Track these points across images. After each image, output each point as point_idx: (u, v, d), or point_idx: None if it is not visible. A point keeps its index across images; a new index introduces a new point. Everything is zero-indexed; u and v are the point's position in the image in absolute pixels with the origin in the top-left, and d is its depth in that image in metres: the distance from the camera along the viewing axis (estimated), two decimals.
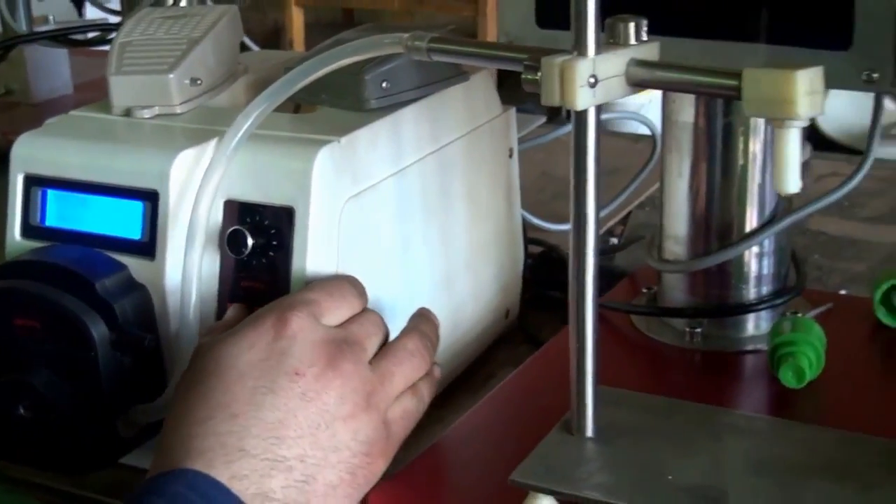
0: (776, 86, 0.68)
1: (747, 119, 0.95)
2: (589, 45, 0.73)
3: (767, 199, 0.97)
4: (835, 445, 0.79)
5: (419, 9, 3.42)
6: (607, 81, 0.73)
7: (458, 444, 0.87)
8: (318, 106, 0.95)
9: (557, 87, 0.72)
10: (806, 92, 0.68)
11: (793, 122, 0.69)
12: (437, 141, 0.98)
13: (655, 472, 0.76)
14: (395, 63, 0.94)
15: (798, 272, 1.03)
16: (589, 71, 0.72)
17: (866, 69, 0.83)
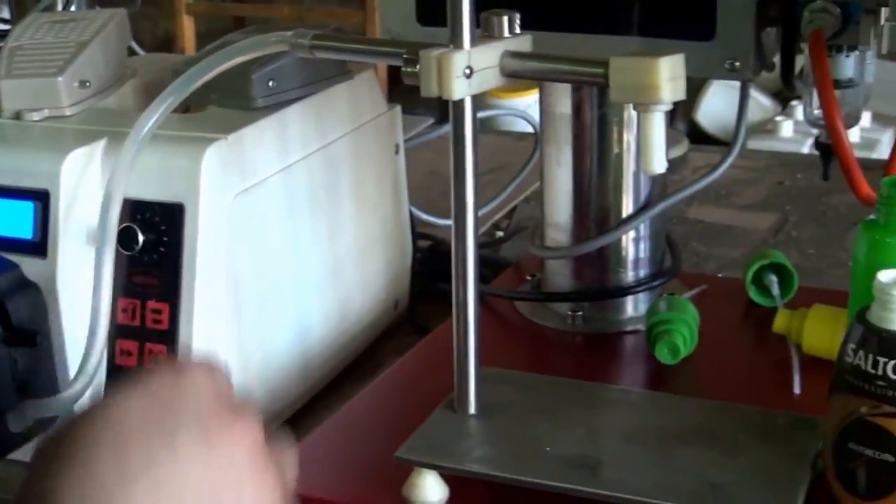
0: (640, 73, 0.72)
1: (621, 110, 0.99)
2: (464, 39, 0.76)
3: (642, 185, 1.02)
4: (705, 414, 0.84)
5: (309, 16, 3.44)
6: (482, 72, 0.77)
7: (346, 426, 0.90)
8: (208, 106, 0.98)
9: (435, 78, 0.76)
10: (668, 78, 0.72)
11: (657, 106, 0.72)
12: (324, 138, 1.01)
13: (535, 445, 0.80)
14: (280, 62, 0.96)
15: (674, 255, 1.07)
16: (464, 62, 0.76)
17: (729, 58, 0.87)
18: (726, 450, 0.79)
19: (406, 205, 1.15)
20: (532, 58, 0.78)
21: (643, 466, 0.78)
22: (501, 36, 0.79)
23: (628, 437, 0.81)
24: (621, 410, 0.85)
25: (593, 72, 0.75)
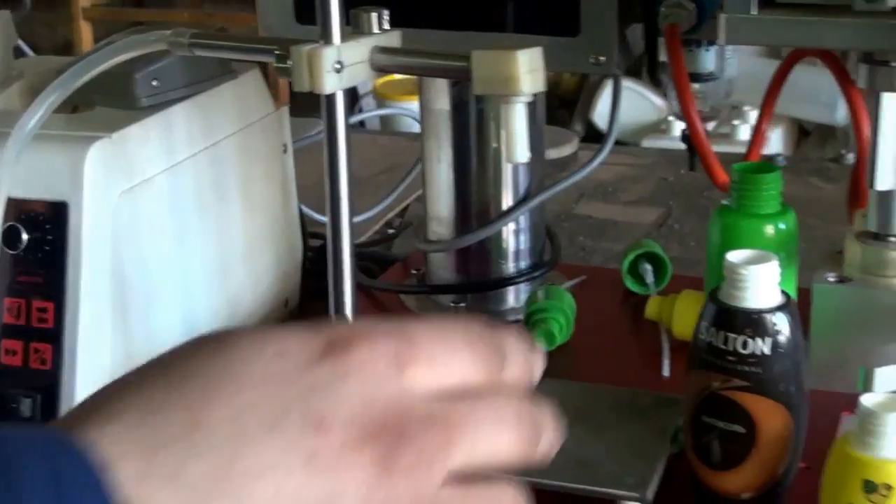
0: (500, 65, 0.75)
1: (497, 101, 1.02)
2: (334, 34, 0.79)
3: (521, 179, 1.05)
4: (576, 395, 0.87)
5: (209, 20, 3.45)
6: (352, 67, 0.80)
7: None
8: (95, 106, 0.99)
9: (306, 73, 0.78)
10: (527, 70, 0.75)
11: (517, 97, 0.76)
12: (210, 137, 1.03)
13: None
14: (164, 62, 0.98)
15: (553, 247, 1.11)
16: (334, 57, 0.78)
17: (593, 53, 0.91)
18: (593, 428, 0.83)
19: (295, 204, 1.17)
20: (400, 53, 0.81)
21: None
22: (371, 32, 0.82)
23: None
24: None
25: (456, 65, 0.78)
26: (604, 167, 1.63)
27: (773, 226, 0.79)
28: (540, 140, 1.06)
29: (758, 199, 0.78)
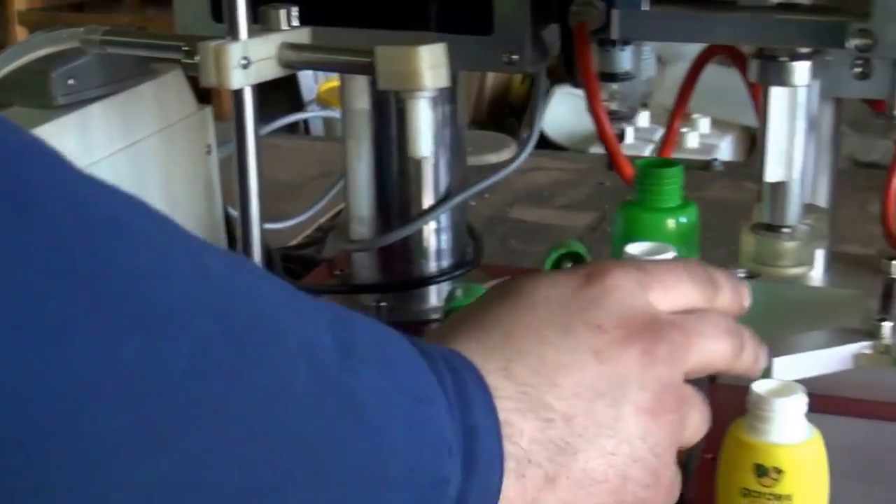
0: (403, 61, 0.76)
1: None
2: (241, 31, 0.80)
3: (441, 178, 1.06)
4: None
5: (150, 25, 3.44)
6: (260, 63, 0.80)
7: None
8: (12, 106, 1.00)
9: (213, 69, 0.79)
10: (429, 66, 0.76)
11: (420, 92, 0.77)
12: (129, 136, 1.03)
13: None
14: (81, 61, 0.99)
15: (476, 247, 1.12)
16: (241, 53, 0.79)
17: (507, 52, 0.92)
18: None
19: (219, 205, 1.17)
20: (307, 49, 0.82)
21: None
22: (279, 28, 0.82)
23: None
24: None
25: (362, 61, 0.79)
26: (541, 172, 1.65)
27: (674, 219, 0.80)
28: (460, 141, 1.07)
29: (659, 194, 0.79)
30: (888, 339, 0.80)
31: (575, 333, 0.55)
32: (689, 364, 0.58)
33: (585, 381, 0.54)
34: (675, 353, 0.57)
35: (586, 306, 0.56)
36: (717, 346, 0.60)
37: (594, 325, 0.55)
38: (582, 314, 0.56)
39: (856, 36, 0.65)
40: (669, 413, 0.56)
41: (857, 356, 0.81)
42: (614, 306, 0.56)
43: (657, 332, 0.56)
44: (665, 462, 0.56)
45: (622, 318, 0.56)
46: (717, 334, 0.60)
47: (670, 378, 0.56)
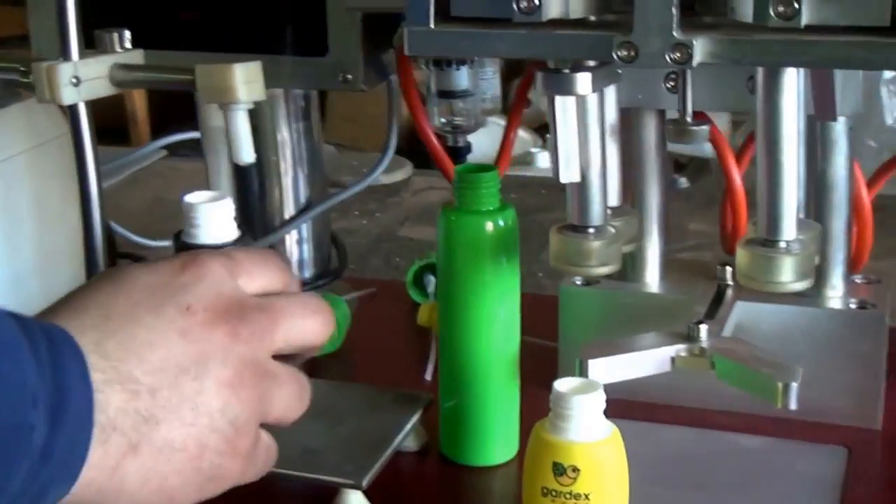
0: (219, 77, 0.81)
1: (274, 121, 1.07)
2: (72, 51, 0.84)
3: (301, 190, 1.10)
4: (324, 392, 0.92)
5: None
6: (91, 82, 0.85)
7: None
8: None
9: (46, 87, 0.83)
10: (243, 81, 0.81)
11: (236, 105, 0.81)
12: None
13: None
14: None
15: (340, 258, 1.16)
16: (71, 73, 0.83)
17: (341, 72, 0.96)
18: (331, 421, 0.87)
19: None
20: (136, 69, 0.86)
21: None
22: (113, 50, 0.87)
23: None
24: None
25: (185, 78, 0.83)
26: (435, 192, 1.69)
27: (492, 222, 0.84)
28: (317, 156, 1.11)
29: (477, 197, 0.83)
30: (705, 342, 0.82)
31: (165, 315, 0.61)
32: (277, 342, 0.64)
33: (171, 358, 0.60)
34: (259, 333, 0.63)
35: (178, 291, 0.62)
36: (307, 324, 0.66)
37: (183, 307, 0.61)
38: (173, 298, 0.61)
39: (620, 48, 0.69)
40: (250, 388, 0.62)
41: (674, 359, 0.83)
42: (204, 291, 0.62)
43: (242, 315, 0.63)
44: (244, 433, 0.62)
45: (210, 302, 0.62)
46: (306, 314, 0.66)
47: (252, 356, 0.62)
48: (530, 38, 0.72)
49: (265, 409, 0.64)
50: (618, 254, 0.82)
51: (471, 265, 0.84)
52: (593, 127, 0.78)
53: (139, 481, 0.59)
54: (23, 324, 0.55)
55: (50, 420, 0.53)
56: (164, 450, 0.59)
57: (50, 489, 0.55)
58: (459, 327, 0.86)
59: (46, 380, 0.54)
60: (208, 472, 0.61)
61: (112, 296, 0.61)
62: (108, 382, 0.57)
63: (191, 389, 0.60)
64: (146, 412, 0.58)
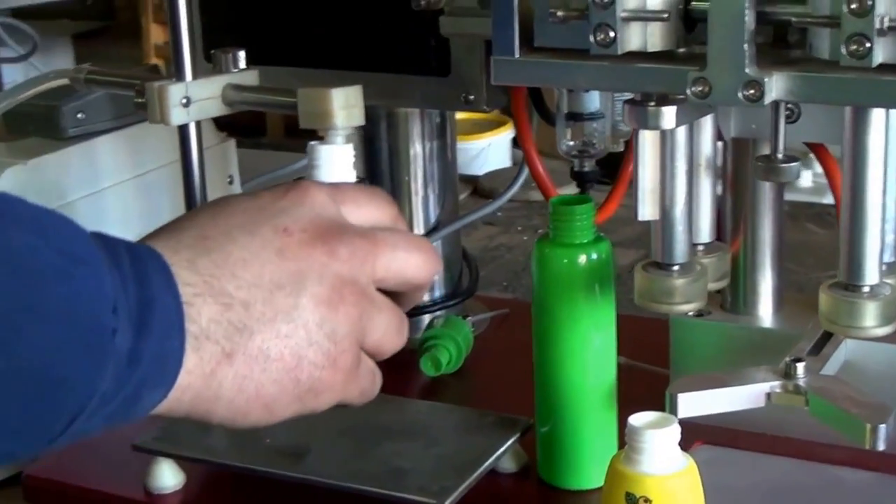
0: (318, 101, 0.82)
1: (407, 138, 1.08)
2: (185, 72, 0.87)
3: (431, 208, 1.11)
4: (423, 413, 0.92)
5: None
6: (202, 102, 0.87)
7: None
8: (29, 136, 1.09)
9: (157, 107, 0.86)
10: (342, 106, 0.81)
11: (334, 130, 0.82)
12: (139, 167, 1.11)
13: (256, 437, 0.89)
14: (91, 97, 1.07)
15: (472, 278, 1.16)
16: (182, 93, 0.86)
17: (464, 92, 0.96)
18: (425, 442, 0.88)
19: None
20: (247, 90, 0.88)
21: (344, 456, 0.87)
22: (228, 70, 0.89)
23: (343, 431, 0.90)
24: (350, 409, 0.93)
25: (288, 101, 0.84)
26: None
27: (585, 255, 0.83)
28: (451, 176, 1.12)
29: (570, 230, 0.82)
30: (801, 379, 0.81)
31: (262, 235, 0.61)
32: (379, 270, 0.64)
33: (266, 275, 0.60)
34: (359, 256, 0.63)
35: (277, 213, 0.62)
36: (411, 258, 0.65)
37: (280, 228, 0.62)
38: (271, 219, 0.62)
39: (694, 83, 0.67)
40: (348, 306, 0.62)
41: (770, 395, 0.82)
42: (303, 214, 0.63)
43: (340, 235, 0.63)
44: (343, 348, 0.62)
45: (309, 223, 0.62)
46: (409, 248, 0.65)
47: (351, 275, 0.62)
48: (607, 70, 0.71)
49: (363, 329, 0.63)
50: (703, 291, 0.80)
51: (563, 296, 0.83)
52: (681, 162, 0.76)
53: (235, 388, 0.60)
54: (105, 242, 0.57)
55: (135, 327, 0.55)
56: (259, 358, 0.60)
57: (142, 392, 0.56)
58: (553, 356, 0.86)
59: (130, 291, 0.55)
60: (307, 384, 0.62)
61: (211, 218, 0.62)
62: (200, 295, 0.58)
63: (286, 304, 0.60)
64: (239, 323, 0.59)
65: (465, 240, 1.55)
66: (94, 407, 0.54)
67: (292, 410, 0.63)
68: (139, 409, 0.58)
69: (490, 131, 2.48)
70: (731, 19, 0.66)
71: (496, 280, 1.43)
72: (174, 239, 0.60)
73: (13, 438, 0.53)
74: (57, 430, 0.54)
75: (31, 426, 0.53)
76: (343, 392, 0.64)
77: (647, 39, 0.70)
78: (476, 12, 0.85)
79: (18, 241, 0.52)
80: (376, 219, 0.67)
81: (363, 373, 0.65)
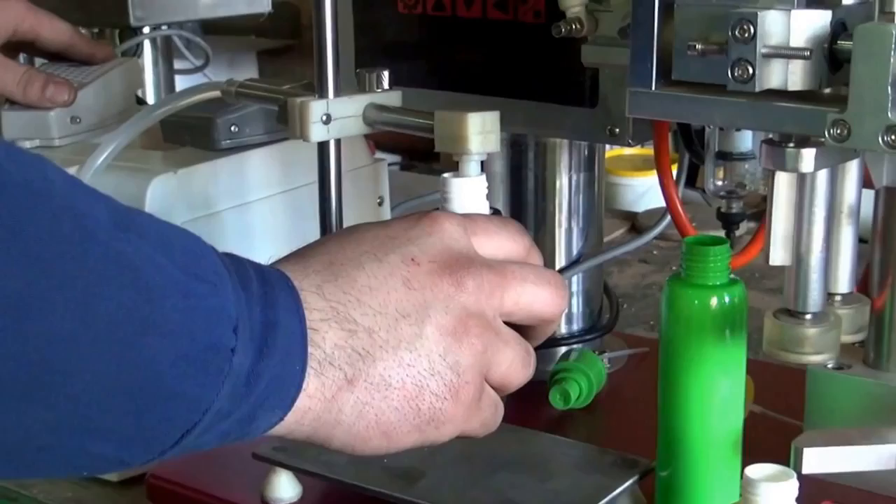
0: (454, 125, 0.81)
1: (554, 168, 1.07)
2: (329, 89, 0.87)
3: (574, 241, 1.09)
4: (543, 446, 0.91)
5: None
6: (343, 120, 0.87)
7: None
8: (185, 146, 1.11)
9: (298, 123, 0.87)
10: (478, 131, 0.81)
11: (468, 156, 0.81)
12: (288, 182, 1.12)
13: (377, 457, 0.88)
14: (245, 110, 1.09)
15: (612, 313, 1.14)
16: (322, 110, 0.86)
17: (609, 125, 0.95)
18: (541, 476, 0.86)
19: None
20: (388, 110, 0.88)
21: (457, 483, 0.86)
22: (371, 90, 0.89)
23: (460, 458, 0.89)
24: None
25: (424, 123, 0.84)
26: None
27: (717, 297, 0.80)
28: (598, 209, 1.10)
29: (703, 270, 0.80)
30: None
31: (390, 263, 0.62)
32: (507, 303, 0.64)
33: (392, 303, 0.61)
34: (487, 289, 0.63)
35: (406, 243, 0.63)
36: (540, 293, 0.65)
37: (409, 257, 0.62)
38: (400, 248, 0.63)
39: (834, 126, 0.65)
40: (473, 338, 0.62)
41: None
42: (433, 244, 0.63)
43: (468, 267, 0.63)
44: (466, 380, 0.62)
45: (437, 254, 0.63)
46: (539, 282, 0.66)
47: (478, 308, 0.62)
48: (744, 107, 0.69)
49: (488, 362, 0.63)
50: (835, 342, 0.77)
51: (692, 339, 0.81)
52: (819, 207, 0.73)
53: (355, 414, 0.60)
54: (235, 262, 0.58)
55: (256, 348, 0.56)
56: (381, 386, 0.60)
57: (259, 413, 0.57)
58: (678, 399, 0.83)
59: (255, 312, 0.56)
60: (427, 415, 0.62)
61: (340, 245, 0.63)
62: (327, 321, 0.59)
63: (410, 333, 0.61)
64: (363, 350, 0.60)
65: (618, 276, 1.54)
66: (208, 423, 0.55)
67: (412, 440, 0.63)
68: (255, 430, 0.59)
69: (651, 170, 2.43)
70: (875, 61, 0.64)
71: (644, 318, 1.41)
72: (303, 263, 0.62)
73: (124, 447, 0.54)
74: (168, 442, 0.55)
75: (142, 437, 0.54)
76: (464, 424, 0.65)
77: (788, 77, 0.68)
78: (618, 42, 0.84)
79: (142, 257, 0.53)
80: (508, 250, 0.67)
81: (485, 405, 0.65)
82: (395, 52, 1.04)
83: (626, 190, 2.34)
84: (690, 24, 0.70)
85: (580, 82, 0.96)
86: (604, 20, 0.85)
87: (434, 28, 1.01)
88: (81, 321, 0.50)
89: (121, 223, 0.53)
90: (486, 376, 0.64)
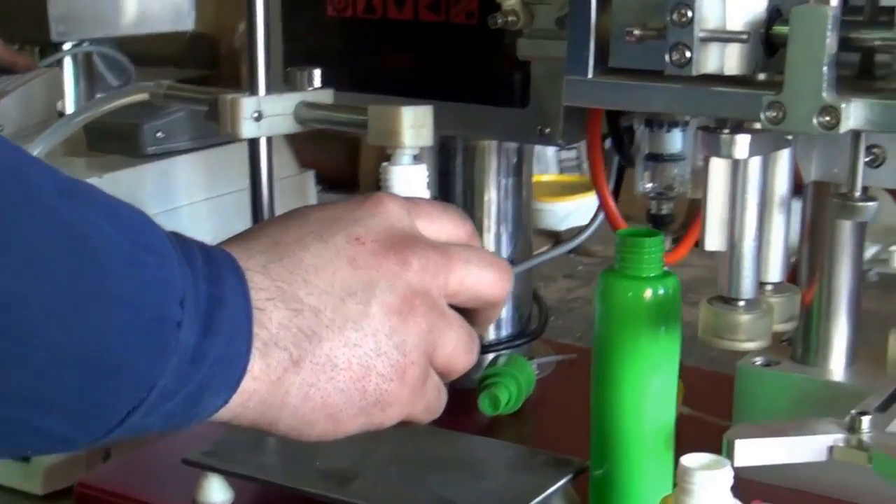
0: (388, 119, 0.81)
1: (482, 173, 1.07)
2: (259, 87, 0.86)
3: (504, 245, 1.09)
4: (475, 448, 0.90)
5: None
6: (273, 118, 0.87)
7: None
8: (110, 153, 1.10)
9: (229, 119, 0.86)
10: (410, 125, 0.81)
11: (402, 150, 0.81)
12: (216, 189, 1.11)
13: (307, 459, 0.87)
14: (171, 117, 1.08)
15: (540, 319, 1.14)
16: (254, 108, 0.86)
17: (540, 125, 0.95)
18: (475, 476, 0.86)
19: None
20: (319, 108, 0.87)
21: (391, 483, 0.85)
22: (302, 88, 0.88)
23: (394, 460, 0.88)
24: (406, 441, 0.91)
25: (358, 119, 0.84)
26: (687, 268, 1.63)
27: (651, 289, 0.80)
28: (525, 214, 1.10)
29: (637, 262, 0.80)
30: (866, 434, 0.77)
31: (335, 244, 0.61)
32: (451, 283, 0.63)
33: (337, 282, 0.60)
34: (431, 268, 0.62)
35: (351, 223, 0.62)
36: (484, 274, 0.65)
37: (353, 237, 0.62)
38: (345, 229, 0.62)
39: (769, 108, 0.65)
40: (418, 317, 0.61)
41: (832, 448, 0.78)
42: (377, 224, 0.63)
43: (413, 246, 0.62)
44: (412, 360, 0.61)
45: (382, 234, 0.62)
46: (483, 264, 0.65)
47: (422, 286, 0.62)
48: (681, 93, 0.69)
49: (434, 342, 0.63)
50: (768, 330, 0.78)
51: (625, 332, 0.81)
52: (752, 195, 0.74)
53: (301, 396, 0.59)
54: (180, 239, 0.57)
55: (202, 324, 0.55)
56: (326, 367, 0.59)
57: (204, 394, 0.56)
58: (611, 394, 0.82)
59: (200, 289, 0.55)
60: (374, 396, 0.61)
61: (284, 227, 0.63)
62: (272, 301, 0.58)
63: (356, 312, 0.60)
64: (308, 330, 0.59)
65: (545, 290, 1.54)
66: (154, 402, 0.54)
67: (358, 424, 0.62)
68: (200, 412, 0.57)
69: (578, 194, 2.45)
70: (811, 42, 0.64)
71: (571, 331, 1.41)
72: (247, 244, 0.61)
73: (70, 423, 0.53)
74: (114, 420, 0.53)
75: (89, 412, 0.53)
76: (409, 407, 0.63)
77: (725, 62, 0.68)
78: (554, 35, 0.84)
79: (90, 224, 0.52)
80: (451, 234, 0.67)
81: (430, 389, 0.64)
82: (324, 57, 1.03)
83: (547, 214, 2.34)
84: (628, 10, 0.70)
85: (511, 82, 0.96)
86: (540, 13, 0.85)
87: (364, 31, 1.01)
88: (29, 283, 0.48)
89: (67, 191, 0.52)
90: (430, 359, 0.63)
